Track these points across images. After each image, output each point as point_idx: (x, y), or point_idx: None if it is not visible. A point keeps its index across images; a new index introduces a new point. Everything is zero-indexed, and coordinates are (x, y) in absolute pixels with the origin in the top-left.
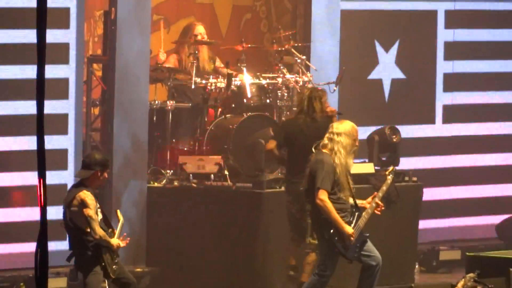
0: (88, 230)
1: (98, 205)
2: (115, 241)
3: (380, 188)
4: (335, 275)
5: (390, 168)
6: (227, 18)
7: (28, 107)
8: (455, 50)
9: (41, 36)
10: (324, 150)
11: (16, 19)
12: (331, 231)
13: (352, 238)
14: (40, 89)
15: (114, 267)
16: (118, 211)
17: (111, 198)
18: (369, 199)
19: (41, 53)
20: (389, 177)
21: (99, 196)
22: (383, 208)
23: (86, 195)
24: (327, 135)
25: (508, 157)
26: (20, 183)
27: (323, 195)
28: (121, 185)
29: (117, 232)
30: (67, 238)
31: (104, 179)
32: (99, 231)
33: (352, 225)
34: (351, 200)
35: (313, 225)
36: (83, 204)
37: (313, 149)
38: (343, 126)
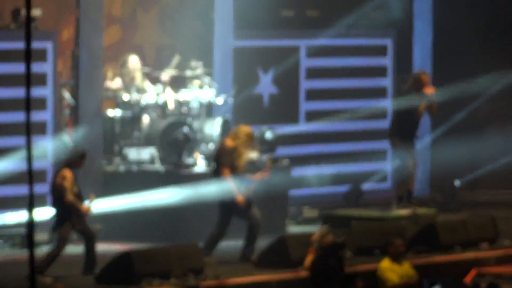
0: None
1: (75, 183)
2: (85, 206)
3: (264, 169)
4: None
5: (271, 159)
6: None
7: None
8: (314, 73)
9: None
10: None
11: None
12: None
13: (241, 204)
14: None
15: (79, 225)
16: (93, 196)
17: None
18: (257, 174)
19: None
20: (269, 162)
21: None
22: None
23: (67, 172)
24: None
25: (353, 145)
26: None
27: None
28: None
29: (89, 204)
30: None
31: (82, 164)
32: (69, 197)
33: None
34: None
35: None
36: (64, 178)
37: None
38: (244, 128)
